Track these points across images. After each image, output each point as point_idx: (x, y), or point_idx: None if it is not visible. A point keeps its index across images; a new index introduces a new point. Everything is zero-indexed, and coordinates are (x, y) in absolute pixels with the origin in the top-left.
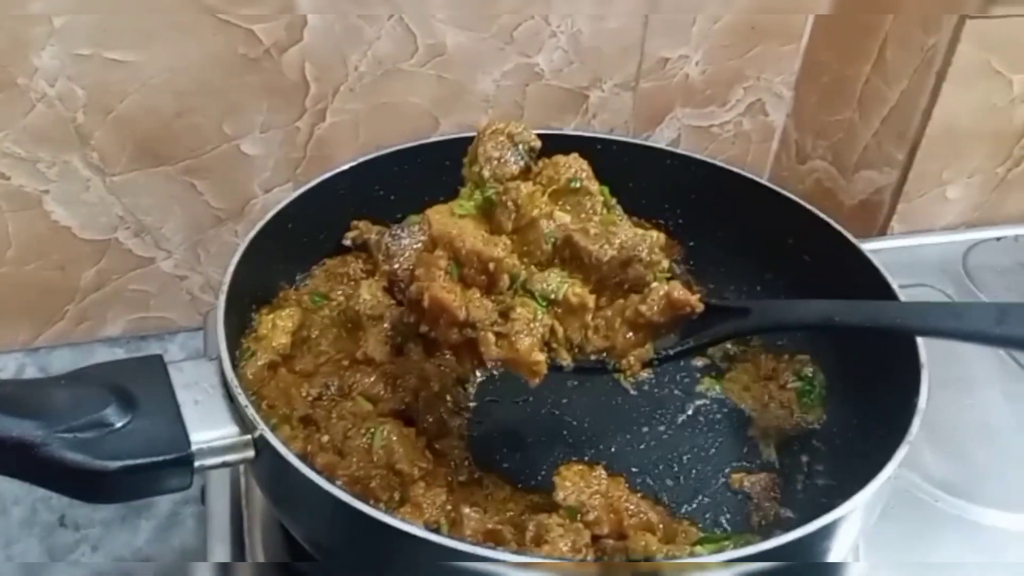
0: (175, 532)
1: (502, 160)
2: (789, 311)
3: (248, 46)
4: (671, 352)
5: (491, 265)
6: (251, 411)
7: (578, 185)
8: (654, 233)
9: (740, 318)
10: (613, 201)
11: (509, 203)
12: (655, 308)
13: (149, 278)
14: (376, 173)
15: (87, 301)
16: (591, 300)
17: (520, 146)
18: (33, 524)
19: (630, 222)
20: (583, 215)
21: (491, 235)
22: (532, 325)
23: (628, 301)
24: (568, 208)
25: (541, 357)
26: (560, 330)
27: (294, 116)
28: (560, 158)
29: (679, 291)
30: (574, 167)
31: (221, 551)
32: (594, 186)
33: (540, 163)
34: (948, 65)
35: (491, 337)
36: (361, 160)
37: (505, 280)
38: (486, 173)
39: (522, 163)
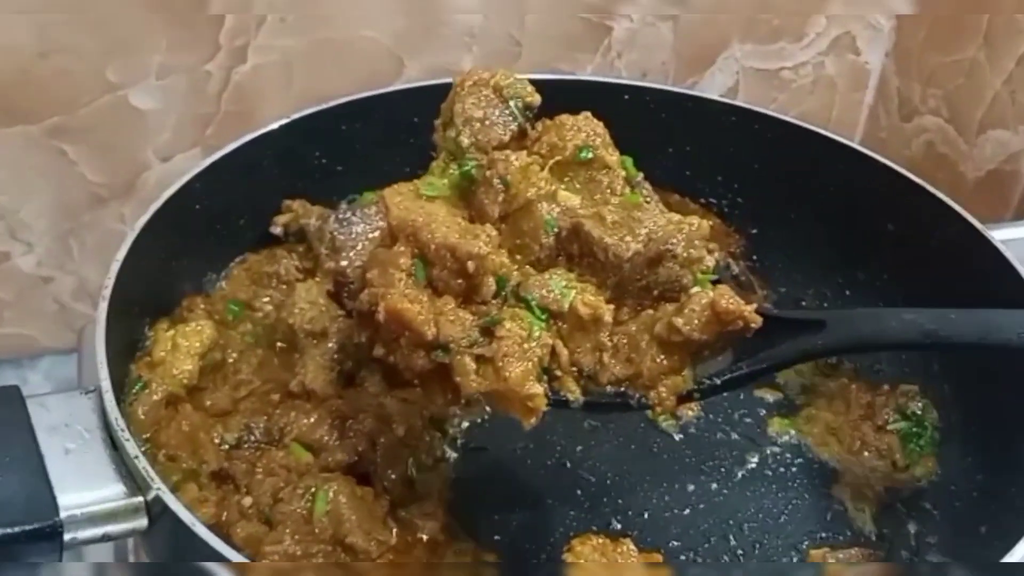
0: None
1: (487, 122)
2: (879, 324)
3: None
4: (719, 381)
5: (470, 265)
6: (143, 463)
7: (590, 155)
8: (695, 220)
9: (813, 334)
10: (639, 177)
11: (495, 180)
12: (695, 322)
13: (2, 280)
14: (317, 135)
15: None
16: (608, 311)
17: (512, 103)
18: None
19: (661, 205)
20: (597, 196)
21: (471, 224)
22: (526, 346)
23: (659, 312)
24: (577, 186)
25: (538, 389)
26: (565, 352)
27: (203, 56)
28: (566, 119)
29: (728, 299)
30: (585, 131)
31: None
32: (612, 156)
33: (539, 126)
34: None
35: (469, 363)
36: (296, 117)
37: (490, 285)
38: (465, 140)
39: (514, 126)
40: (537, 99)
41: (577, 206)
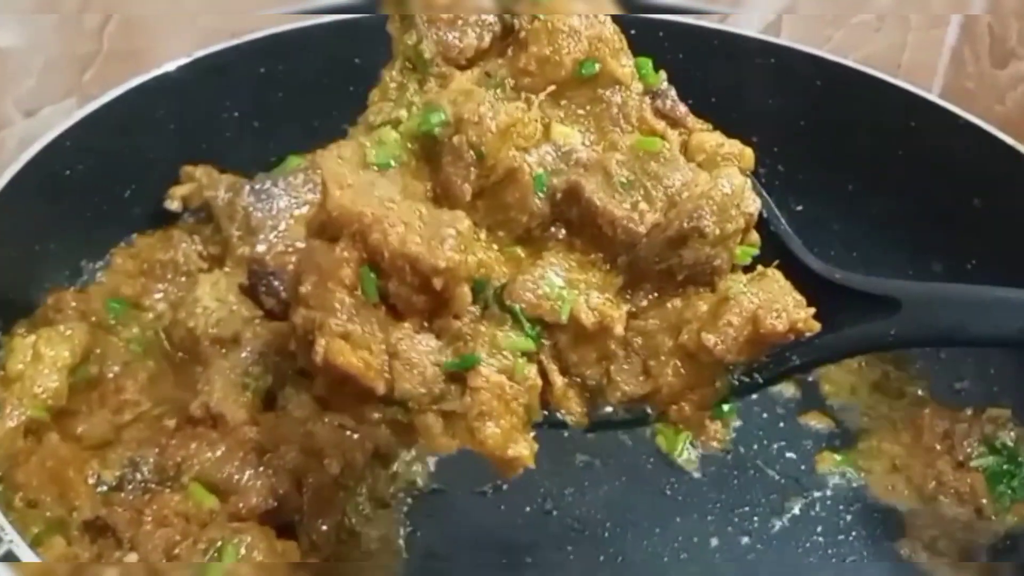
0: None
1: (458, 22)
2: (974, 311)
3: None
4: (761, 378)
5: (437, 282)
6: None
7: (594, 70)
8: (731, 172)
9: (885, 317)
10: (662, 85)
11: (466, 151)
12: (731, 341)
13: None
14: (226, 80)
15: None
16: (620, 320)
17: None
18: None
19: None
20: (607, 127)
21: (437, 210)
22: (509, 393)
23: (687, 309)
24: (579, 113)
25: (525, 450)
26: (560, 382)
27: None
28: (559, 20)
29: (775, 315)
30: (587, 37)
31: None
32: (624, 68)
33: (524, 30)
34: None
35: (435, 422)
36: (199, 56)
37: (464, 296)
38: (427, 49)
39: (496, 27)
40: None
41: (578, 146)
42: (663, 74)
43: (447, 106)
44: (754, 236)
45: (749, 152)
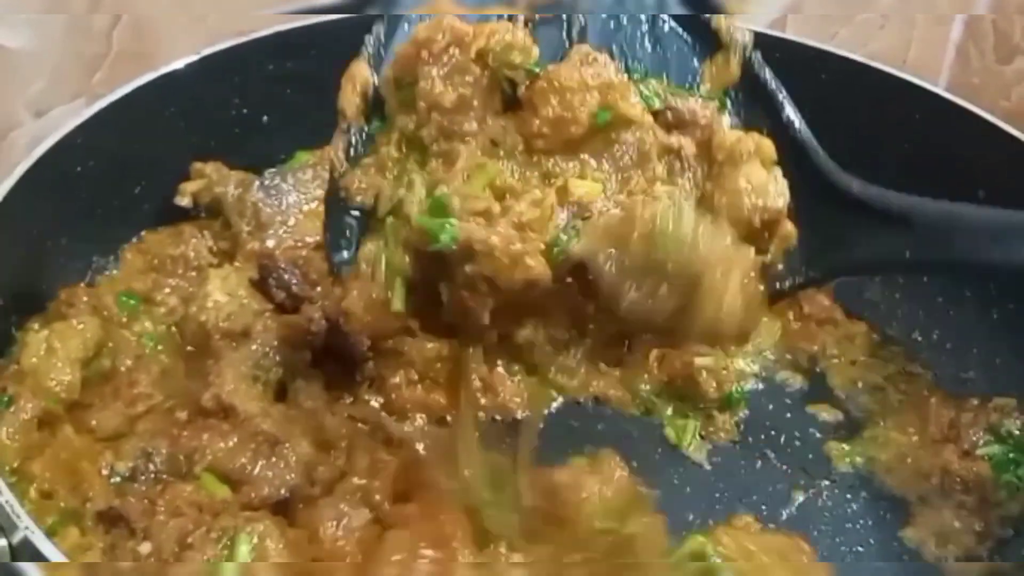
0: None
1: (462, 108)
2: (988, 233)
3: None
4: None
5: None
6: (7, 498)
7: (608, 118)
8: (753, 172)
9: (897, 235)
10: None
11: (480, 279)
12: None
13: None
14: (235, 77)
15: None
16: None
17: (501, 73)
18: None
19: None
20: (625, 171)
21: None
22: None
23: None
24: (597, 162)
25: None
26: None
27: None
28: (564, 76)
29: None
30: (595, 86)
31: None
32: (635, 108)
33: (532, 92)
34: None
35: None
36: (208, 53)
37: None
38: (427, 134)
39: (499, 108)
40: (535, 65)
41: (598, 199)
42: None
43: (456, 212)
44: (788, 228)
45: (767, 143)
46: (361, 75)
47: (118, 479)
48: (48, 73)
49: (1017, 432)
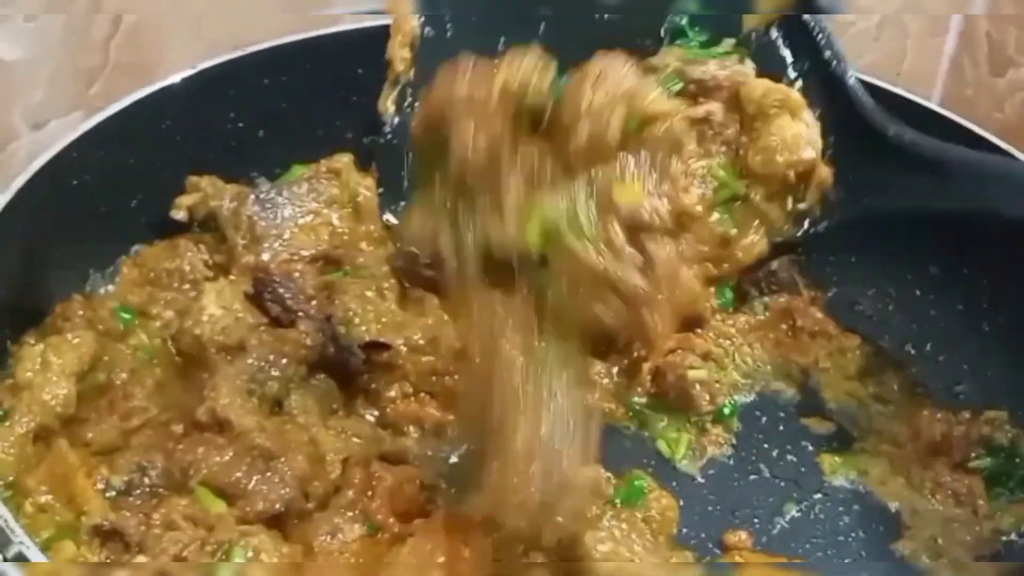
0: None
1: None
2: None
3: None
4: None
5: None
6: (2, 513)
7: (638, 122)
8: (786, 125)
9: (928, 180)
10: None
11: None
12: None
13: None
14: (230, 91)
15: None
16: None
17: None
18: None
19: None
20: (663, 163)
21: None
22: None
23: None
24: (635, 161)
25: None
26: None
27: None
28: (582, 96)
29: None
30: (621, 97)
31: None
32: (661, 105)
33: (563, 115)
34: None
35: None
36: (203, 67)
37: None
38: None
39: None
40: (558, 91)
41: (643, 202)
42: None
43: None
44: (823, 173)
45: (795, 95)
46: (408, 25)
47: (113, 493)
48: (45, 85)
49: (1008, 445)
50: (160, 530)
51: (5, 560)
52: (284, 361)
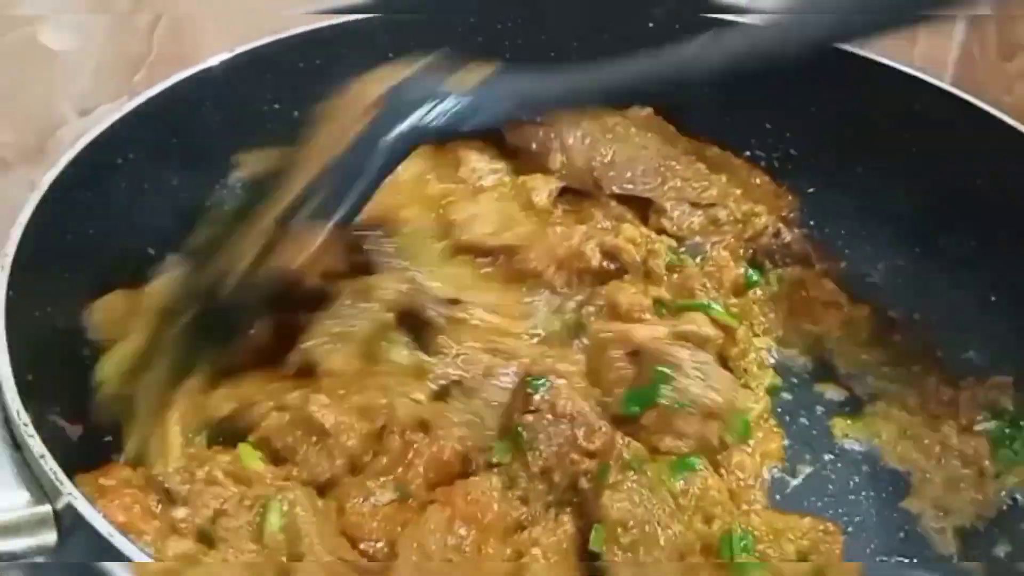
0: None
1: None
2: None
3: None
4: None
5: None
6: (51, 464)
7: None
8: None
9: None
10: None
11: None
12: None
13: None
14: (269, 73)
15: None
16: None
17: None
18: None
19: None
20: None
21: None
22: None
23: None
24: None
25: None
26: None
27: None
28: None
29: None
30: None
31: None
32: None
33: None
34: None
35: None
36: (241, 51)
37: None
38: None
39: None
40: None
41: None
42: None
43: None
44: None
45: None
46: None
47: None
48: (92, 74)
49: (1013, 408)
50: (203, 485)
51: (55, 511)
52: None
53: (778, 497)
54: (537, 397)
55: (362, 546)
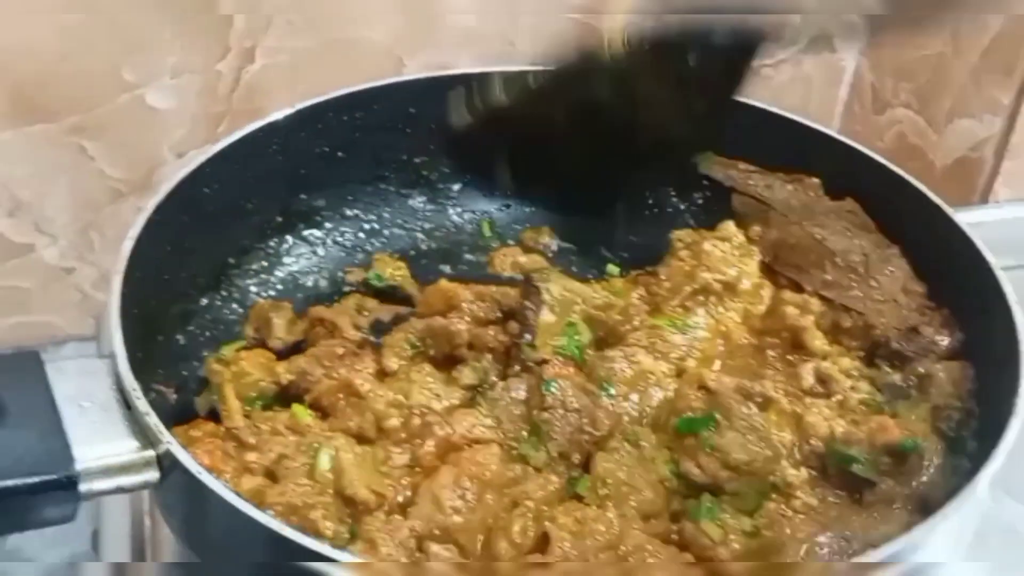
0: None
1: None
2: None
3: None
4: None
5: None
6: (154, 419)
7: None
8: None
9: None
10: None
11: None
12: None
13: (27, 271)
14: (319, 125)
15: None
16: None
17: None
18: None
19: None
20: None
21: None
22: None
23: None
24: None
25: None
26: None
27: (215, 57)
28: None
29: None
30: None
31: None
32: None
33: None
34: None
35: None
36: (299, 107)
37: None
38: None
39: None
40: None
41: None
42: None
43: None
44: None
45: None
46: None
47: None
48: (186, 126)
49: None
50: (268, 436)
51: (157, 455)
52: None
53: None
54: (550, 398)
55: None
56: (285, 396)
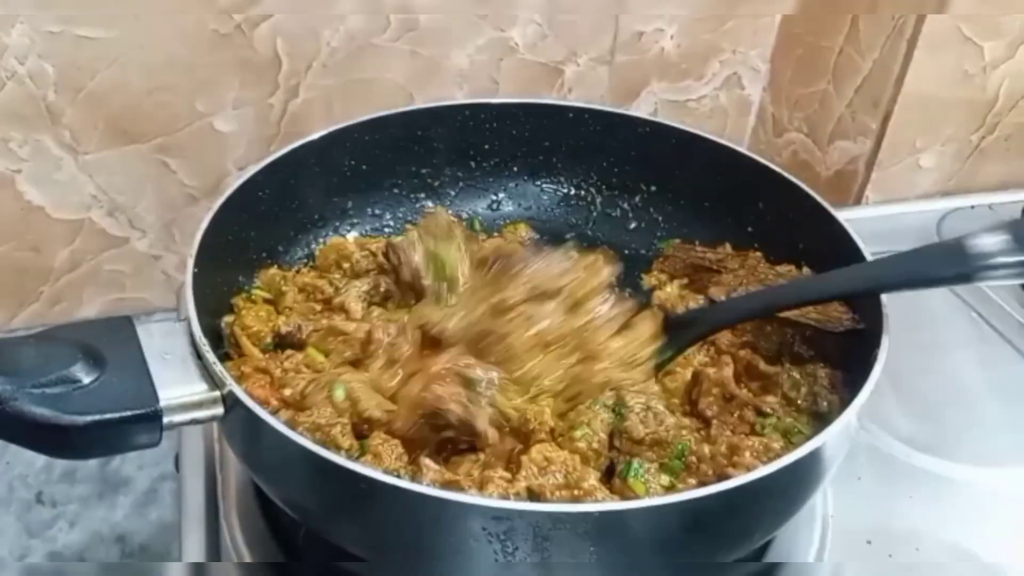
0: (152, 508)
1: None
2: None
3: (219, 21)
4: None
5: None
6: (219, 368)
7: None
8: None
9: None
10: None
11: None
12: None
13: (124, 258)
14: (347, 144)
15: (62, 282)
16: None
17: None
18: (10, 502)
19: None
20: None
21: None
22: None
23: None
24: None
25: None
26: None
27: (267, 92)
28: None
29: None
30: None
31: (195, 527)
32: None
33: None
34: (919, 33)
35: None
36: (331, 130)
37: None
38: None
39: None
40: None
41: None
42: None
43: None
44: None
45: None
46: None
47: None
48: (244, 146)
49: None
50: (292, 374)
51: (222, 395)
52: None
53: None
54: None
55: None
56: (281, 344)
